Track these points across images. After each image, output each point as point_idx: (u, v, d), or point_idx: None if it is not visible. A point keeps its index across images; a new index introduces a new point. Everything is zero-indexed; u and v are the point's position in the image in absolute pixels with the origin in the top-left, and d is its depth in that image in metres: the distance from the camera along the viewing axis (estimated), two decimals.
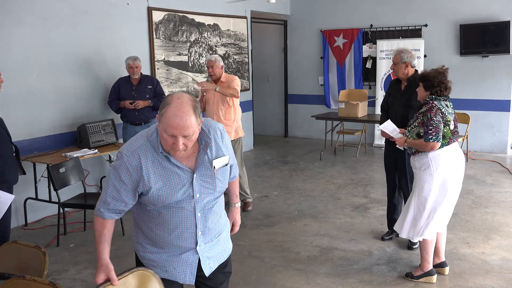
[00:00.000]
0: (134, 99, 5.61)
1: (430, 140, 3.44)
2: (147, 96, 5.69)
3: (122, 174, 1.95)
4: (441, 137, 3.46)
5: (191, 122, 1.86)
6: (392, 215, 4.48)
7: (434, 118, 3.44)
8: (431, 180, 3.52)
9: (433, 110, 3.47)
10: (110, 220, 2.02)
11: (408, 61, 4.13)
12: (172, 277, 2.12)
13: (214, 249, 2.17)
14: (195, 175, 2.01)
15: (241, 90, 8.36)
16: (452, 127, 3.53)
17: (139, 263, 2.18)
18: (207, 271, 2.15)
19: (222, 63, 5.24)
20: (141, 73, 5.76)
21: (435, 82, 3.51)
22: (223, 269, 2.25)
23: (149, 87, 5.74)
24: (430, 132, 3.44)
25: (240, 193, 5.41)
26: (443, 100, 3.55)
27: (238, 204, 2.52)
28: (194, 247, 2.10)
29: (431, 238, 3.64)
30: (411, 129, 3.62)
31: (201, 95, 5.26)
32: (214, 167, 2.05)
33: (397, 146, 3.83)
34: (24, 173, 4.24)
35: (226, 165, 2.12)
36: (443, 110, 3.49)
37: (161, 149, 1.95)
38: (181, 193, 2.00)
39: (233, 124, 5.29)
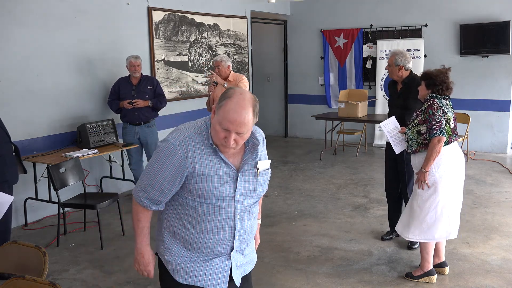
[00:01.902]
0: (134, 99, 5.61)
1: (436, 135, 3.43)
2: (147, 96, 5.69)
3: (166, 164, 1.90)
4: (445, 131, 3.46)
5: (248, 120, 1.82)
6: (393, 215, 4.48)
7: (436, 113, 3.45)
8: (432, 180, 3.52)
9: (434, 106, 3.48)
10: (151, 211, 2.00)
11: (401, 64, 4.14)
12: (202, 283, 2.00)
13: (243, 258, 2.10)
14: (239, 174, 1.96)
15: None
16: (452, 125, 3.55)
17: (162, 269, 2.07)
18: (238, 281, 2.05)
19: (229, 63, 5.33)
20: (141, 73, 5.76)
21: (437, 81, 3.52)
22: (246, 282, 2.15)
23: (149, 87, 5.74)
24: (434, 127, 3.44)
25: None
26: (443, 99, 3.56)
27: (259, 221, 2.39)
28: (228, 253, 2.02)
29: (441, 240, 3.63)
30: (411, 127, 3.62)
31: (209, 94, 5.38)
32: (258, 169, 2.01)
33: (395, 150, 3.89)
34: (25, 172, 4.24)
35: (267, 169, 2.09)
36: (443, 107, 3.50)
37: (211, 140, 1.90)
38: (223, 189, 1.94)
39: None
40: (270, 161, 2.11)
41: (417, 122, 3.58)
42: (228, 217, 1.98)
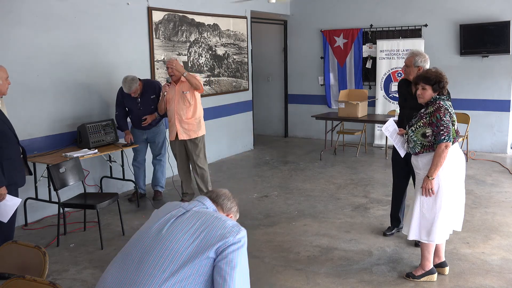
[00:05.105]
0: (141, 111, 5.58)
1: (444, 141, 3.40)
2: (152, 107, 5.62)
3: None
4: (452, 136, 3.45)
5: None
6: (397, 213, 4.49)
7: (444, 118, 3.42)
8: (436, 182, 3.50)
9: (441, 110, 3.45)
10: None
11: (421, 66, 4.07)
12: None
13: None
14: None
15: (240, 90, 8.46)
16: (456, 127, 3.54)
17: None
18: None
19: (181, 63, 5.37)
20: (139, 81, 5.55)
21: (443, 81, 3.50)
22: None
23: (151, 97, 5.64)
24: (442, 132, 3.41)
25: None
26: (446, 100, 3.55)
27: None
28: None
29: (441, 242, 3.62)
30: (415, 129, 3.56)
31: (162, 95, 5.38)
32: None
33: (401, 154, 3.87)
34: (31, 174, 4.24)
35: None
36: (449, 110, 3.49)
37: None
38: None
39: (194, 122, 5.38)
40: None
41: (422, 124, 3.52)
42: None
